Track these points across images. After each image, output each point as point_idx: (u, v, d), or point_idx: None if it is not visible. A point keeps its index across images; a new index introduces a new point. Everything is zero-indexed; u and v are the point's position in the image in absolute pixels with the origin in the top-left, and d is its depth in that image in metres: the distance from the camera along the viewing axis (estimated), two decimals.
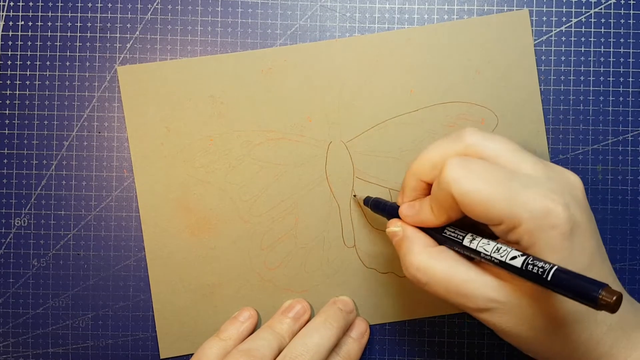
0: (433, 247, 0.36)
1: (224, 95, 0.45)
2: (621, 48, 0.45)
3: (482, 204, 0.32)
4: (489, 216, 0.32)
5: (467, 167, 0.33)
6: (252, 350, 0.40)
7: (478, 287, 0.33)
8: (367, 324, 0.46)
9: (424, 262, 0.35)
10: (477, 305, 0.34)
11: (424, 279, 0.35)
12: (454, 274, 0.34)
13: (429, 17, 0.46)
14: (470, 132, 0.36)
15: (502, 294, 0.33)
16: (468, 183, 0.33)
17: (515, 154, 0.35)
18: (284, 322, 0.43)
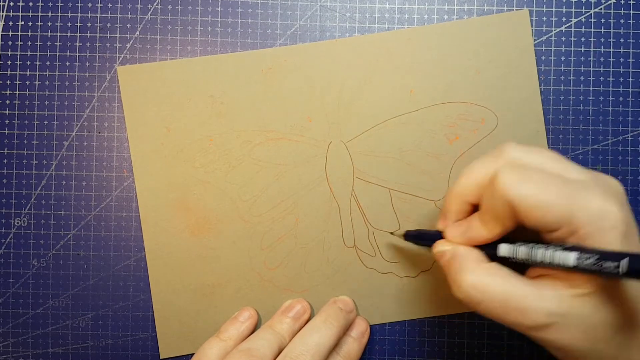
0: (487, 262, 0.35)
1: (224, 95, 0.45)
2: (621, 48, 0.45)
3: (541, 208, 0.31)
4: (548, 221, 0.32)
5: (522, 173, 0.33)
6: (252, 349, 0.40)
7: (538, 301, 0.32)
8: (367, 323, 0.46)
9: (479, 279, 0.34)
10: (536, 321, 0.32)
11: (479, 296, 0.33)
12: (512, 290, 0.33)
13: (429, 17, 0.46)
14: (511, 147, 0.35)
15: (562, 305, 0.32)
16: (525, 187, 0.32)
17: (559, 162, 0.34)
18: (284, 322, 0.43)
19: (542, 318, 0.32)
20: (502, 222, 0.34)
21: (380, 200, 0.46)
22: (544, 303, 0.32)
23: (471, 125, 0.45)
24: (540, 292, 0.32)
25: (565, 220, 0.31)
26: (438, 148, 0.45)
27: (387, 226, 0.46)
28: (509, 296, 0.33)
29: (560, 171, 0.34)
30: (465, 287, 0.34)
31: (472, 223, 0.36)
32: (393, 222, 0.46)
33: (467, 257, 0.35)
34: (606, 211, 0.31)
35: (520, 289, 0.33)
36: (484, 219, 0.35)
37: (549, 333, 0.32)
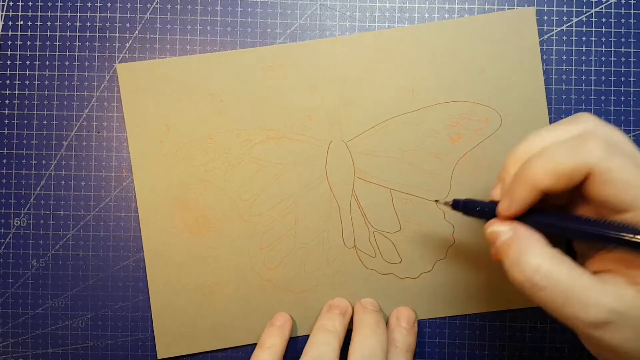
0: (551, 248, 0.33)
1: (223, 94, 0.45)
2: (622, 47, 0.45)
3: (624, 183, 0.30)
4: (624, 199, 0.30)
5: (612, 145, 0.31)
6: (320, 357, 0.40)
7: (601, 296, 0.30)
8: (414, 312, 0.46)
9: (545, 264, 0.31)
10: (597, 317, 0.30)
11: (544, 282, 0.31)
12: (577, 280, 0.31)
13: (429, 16, 0.45)
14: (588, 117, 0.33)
15: (623, 302, 0.30)
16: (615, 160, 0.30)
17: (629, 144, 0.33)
18: (335, 318, 0.43)
19: (603, 315, 0.30)
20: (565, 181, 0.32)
21: (381, 200, 0.45)
22: (606, 298, 0.30)
23: (474, 124, 0.45)
24: (603, 287, 0.31)
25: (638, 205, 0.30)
26: (440, 148, 0.45)
27: (387, 227, 0.45)
28: (574, 286, 0.31)
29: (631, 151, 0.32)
30: (529, 271, 0.32)
31: None
32: (394, 222, 0.45)
33: (532, 239, 0.33)
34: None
35: (585, 280, 0.31)
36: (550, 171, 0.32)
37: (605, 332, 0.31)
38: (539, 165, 0.32)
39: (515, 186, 0.34)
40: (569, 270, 0.31)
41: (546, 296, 0.31)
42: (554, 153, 0.32)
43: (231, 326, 0.46)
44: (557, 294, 0.31)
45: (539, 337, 0.46)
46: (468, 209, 0.38)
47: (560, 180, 0.32)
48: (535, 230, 0.33)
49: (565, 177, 0.32)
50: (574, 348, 0.46)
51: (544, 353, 0.46)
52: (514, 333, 0.46)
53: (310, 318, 0.45)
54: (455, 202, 0.39)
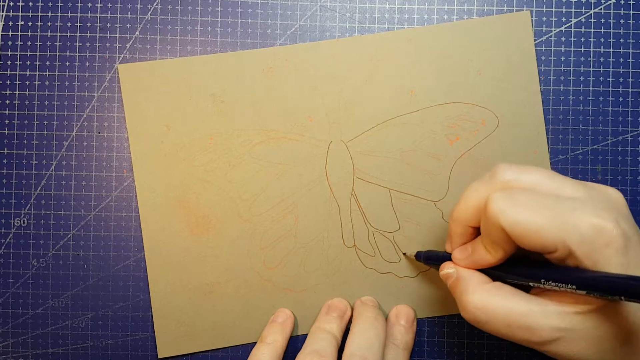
0: (489, 283, 0.36)
1: (224, 94, 0.45)
2: (621, 48, 0.45)
3: (533, 233, 0.32)
4: (542, 244, 0.32)
5: (511, 198, 0.33)
6: (320, 351, 0.40)
7: (541, 318, 0.33)
8: (413, 310, 0.46)
9: (482, 300, 0.35)
10: (542, 337, 0.33)
11: (484, 317, 0.34)
12: (514, 308, 0.33)
13: (429, 18, 0.46)
14: (504, 168, 0.36)
15: (566, 320, 0.32)
16: (515, 213, 0.32)
17: (553, 180, 0.35)
18: (333, 322, 0.44)
19: (547, 333, 0.32)
20: (501, 246, 0.34)
21: (380, 200, 0.46)
22: (547, 319, 0.33)
23: (472, 126, 0.45)
24: (543, 309, 0.33)
25: (559, 243, 0.32)
26: (438, 149, 0.45)
27: (387, 226, 0.46)
28: (512, 314, 0.33)
29: (555, 189, 0.34)
30: (470, 309, 0.35)
31: (475, 247, 0.37)
32: (393, 222, 0.45)
33: (470, 279, 0.36)
34: (599, 229, 0.31)
35: (523, 306, 0.33)
36: (486, 245, 0.36)
37: (557, 347, 0.33)
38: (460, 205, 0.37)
39: (450, 226, 0.39)
40: (506, 301, 0.34)
41: (491, 328, 0.34)
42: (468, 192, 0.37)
43: (231, 325, 0.46)
44: (500, 324, 0.34)
45: None
46: (428, 259, 0.43)
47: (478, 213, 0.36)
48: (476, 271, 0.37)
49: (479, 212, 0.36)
50: None
51: None
52: None
53: (310, 317, 0.46)
54: (418, 254, 0.44)
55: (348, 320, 0.45)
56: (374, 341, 0.41)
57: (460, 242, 0.38)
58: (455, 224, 0.38)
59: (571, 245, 0.31)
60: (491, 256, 0.35)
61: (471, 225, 0.37)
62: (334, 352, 0.41)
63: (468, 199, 0.37)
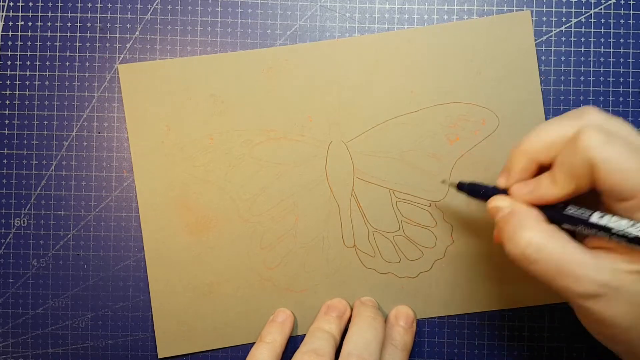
0: (546, 224, 0.34)
1: (224, 94, 0.45)
2: (621, 48, 0.45)
3: (623, 172, 0.31)
4: (625, 187, 0.31)
5: (608, 135, 0.32)
6: (317, 349, 0.40)
7: (593, 270, 0.31)
8: (413, 311, 0.46)
9: (537, 238, 0.33)
10: (587, 289, 0.32)
11: (535, 255, 0.33)
12: (569, 255, 0.32)
13: (428, 18, 0.46)
14: (594, 111, 0.34)
15: (617, 278, 0.31)
16: (612, 149, 0.31)
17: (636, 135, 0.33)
18: (332, 322, 0.44)
19: (594, 288, 0.31)
20: (576, 181, 0.33)
21: (381, 200, 0.46)
22: (599, 273, 0.31)
23: (472, 126, 0.45)
24: (597, 262, 0.32)
25: None
26: (439, 149, 0.45)
27: (387, 226, 0.46)
28: (566, 260, 0.32)
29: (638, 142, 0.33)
30: (522, 244, 0.33)
31: (541, 181, 0.35)
32: (393, 222, 0.45)
33: (528, 215, 0.34)
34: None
35: (577, 255, 0.32)
36: (557, 178, 0.34)
37: (597, 304, 0.32)
38: (532, 136, 0.35)
39: (512, 159, 0.36)
40: (561, 245, 0.32)
41: (538, 269, 0.33)
42: (548, 125, 0.35)
43: (231, 325, 0.46)
44: (549, 267, 0.32)
45: (538, 337, 0.46)
46: (472, 192, 0.40)
47: (552, 149, 0.34)
48: (534, 208, 0.35)
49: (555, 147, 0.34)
50: (573, 348, 0.46)
51: (543, 353, 0.46)
52: (514, 333, 0.46)
53: (309, 317, 0.46)
54: (460, 184, 0.41)
55: (347, 321, 0.45)
56: (372, 341, 0.41)
57: (519, 177, 0.36)
58: (521, 156, 0.36)
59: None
60: (559, 189, 0.34)
61: (540, 160, 0.35)
62: (332, 352, 0.41)
63: (544, 132, 0.35)
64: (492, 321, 0.46)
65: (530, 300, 0.46)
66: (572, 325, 0.46)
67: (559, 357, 0.46)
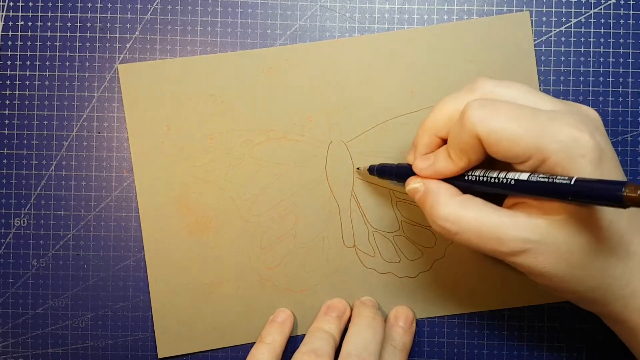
0: (459, 195, 0.35)
1: (224, 94, 0.45)
2: (621, 48, 0.45)
3: (510, 140, 0.32)
4: (517, 152, 0.32)
5: (490, 106, 0.33)
6: (317, 349, 0.40)
7: (512, 229, 0.33)
8: (412, 312, 0.46)
9: (452, 212, 0.34)
10: (512, 248, 0.33)
11: (454, 228, 0.34)
12: (485, 219, 0.33)
13: (428, 18, 0.46)
14: (483, 81, 0.36)
15: (536, 232, 0.32)
16: (494, 120, 0.32)
17: (532, 94, 0.35)
18: (331, 322, 0.44)
19: (517, 244, 0.33)
20: (467, 155, 0.34)
21: (380, 200, 0.46)
22: (518, 230, 0.33)
23: None
24: (514, 220, 0.33)
25: (534, 150, 0.31)
26: None
27: (387, 226, 0.46)
28: (483, 225, 0.33)
29: (533, 103, 0.34)
30: (440, 221, 0.35)
31: (438, 156, 0.37)
32: (393, 222, 0.46)
33: (439, 191, 0.36)
34: (576, 138, 0.31)
35: (493, 217, 0.33)
36: (451, 152, 0.35)
37: (525, 259, 0.33)
38: (434, 113, 0.37)
39: (417, 134, 0.38)
40: (476, 212, 0.34)
41: (462, 238, 0.34)
42: (445, 101, 0.37)
43: (231, 325, 0.46)
44: (470, 235, 0.34)
45: (538, 337, 0.46)
46: (382, 172, 0.43)
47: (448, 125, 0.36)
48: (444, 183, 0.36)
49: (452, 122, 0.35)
50: (573, 348, 0.46)
51: (543, 353, 0.46)
52: (513, 332, 0.46)
53: (309, 317, 0.46)
54: (371, 167, 0.44)
55: (347, 321, 0.45)
56: (371, 341, 0.41)
57: (425, 152, 0.38)
58: (424, 132, 0.37)
59: (546, 153, 0.31)
60: (454, 165, 0.35)
61: (441, 135, 0.37)
62: (331, 352, 0.41)
63: (443, 108, 0.36)
64: (492, 321, 0.46)
65: (530, 300, 0.46)
66: (572, 325, 0.46)
67: (559, 357, 0.46)
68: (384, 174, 0.43)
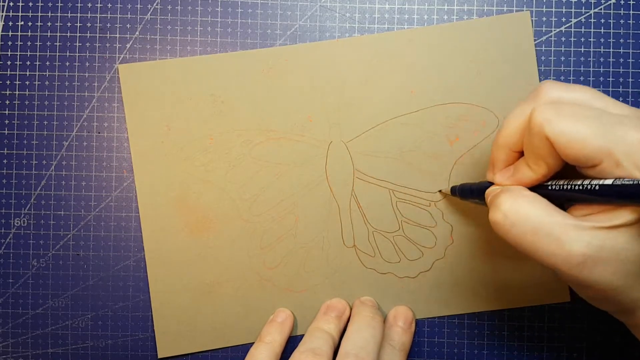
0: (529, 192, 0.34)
1: (224, 94, 0.45)
2: (621, 48, 0.45)
3: (579, 142, 0.31)
4: (587, 154, 0.31)
5: (557, 109, 0.32)
6: (315, 349, 0.40)
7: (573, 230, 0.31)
8: (412, 312, 0.46)
9: (516, 203, 0.33)
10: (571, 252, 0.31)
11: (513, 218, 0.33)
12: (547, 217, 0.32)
13: (428, 18, 0.46)
14: (549, 86, 0.35)
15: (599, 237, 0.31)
16: (561, 122, 0.31)
17: (600, 98, 0.34)
18: (331, 322, 0.44)
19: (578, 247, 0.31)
20: (544, 160, 0.33)
21: (380, 200, 0.46)
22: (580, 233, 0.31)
23: (472, 126, 0.45)
24: (578, 223, 0.31)
25: (605, 152, 0.30)
26: (438, 149, 0.45)
27: (387, 226, 0.46)
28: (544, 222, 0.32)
29: (601, 107, 0.33)
30: (502, 207, 0.33)
31: (518, 167, 0.36)
32: (393, 222, 0.46)
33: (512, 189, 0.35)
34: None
35: (557, 218, 0.32)
36: (529, 161, 0.34)
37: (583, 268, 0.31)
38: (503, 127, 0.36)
39: (493, 153, 0.37)
40: (542, 210, 0.32)
41: (517, 231, 0.33)
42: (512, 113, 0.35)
43: (231, 325, 0.46)
44: (527, 230, 0.32)
45: (538, 337, 0.46)
46: (463, 192, 0.42)
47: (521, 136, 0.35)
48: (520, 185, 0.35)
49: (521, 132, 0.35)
50: (573, 348, 0.46)
51: (543, 353, 0.46)
52: (514, 333, 0.46)
53: (309, 317, 0.46)
54: (453, 189, 0.43)
55: (346, 321, 0.45)
56: (370, 341, 0.41)
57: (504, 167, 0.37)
58: (499, 149, 0.36)
59: (618, 155, 0.30)
60: (533, 172, 0.34)
61: (515, 149, 0.36)
62: (330, 352, 0.41)
63: (512, 121, 0.35)
64: (492, 321, 0.46)
65: (530, 300, 0.46)
66: (572, 325, 0.46)
67: (559, 357, 0.46)
68: (465, 193, 0.42)
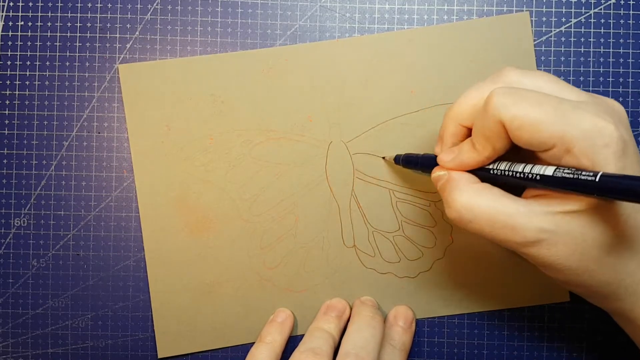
0: (478, 183, 0.35)
1: (224, 94, 0.45)
2: (621, 48, 0.45)
3: (534, 126, 0.31)
4: (540, 139, 0.32)
5: (515, 93, 0.33)
6: (315, 349, 0.40)
7: (526, 217, 0.32)
8: (412, 312, 0.46)
9: (467, 199, 0.34)
10: (526, 237, 0.32)
11: (469, 215, 0.34)
12: (500, 208, 0.33)
13: (428, 18, 0.46)
14: (509, 70, 0.35)
15: (552, 221, 0.32)
16: (518, 107, 0.32)
17: (557, 84, 0.35)
18: (331, 322, 0.44)
19: (531, 234, 0.32)
20: (492, 143, 0.34)
21: (380, 200, 0.46)
22: (532, 219, 0.32)
23: None
24: (529, 209, 0.33)
25: (558, 138, 0.31)
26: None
27: (387, 226, 0.46)
28: (497, 214, 0.33)
29: (558, 93, 0.34)
30: (455, 206, 0.34)
31: (462, 148, 0.36)
32: (393, 222, 0.46)
33: (460, 179, 0.36)
34: (600, 128, 0.31)
35: (509, 206, 0.33)
36: (474, 142, 0.35)
37: (538, 249, 0.33)
38: (458, 103, 0.36)
39: (443, 125, 0.38)
40: (492, 200, 0.34)
41: (475, 227, 0.34)
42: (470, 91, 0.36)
43: (231, 325, 0.46)
44: (483, 223, 0.33)
45: (538, 337, 0.46)
46: (408, 162, 0.42)
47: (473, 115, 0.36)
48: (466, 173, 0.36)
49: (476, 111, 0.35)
50: (573, 348, 0.46)
51: (543, 353, 0.46)
52: (513, 332, 0.46)
53: (309, 317, 0.46)
54: (397, 157, 0.44)
55: (346, 321, 0.45)
56: (370, 340, 0.41)
57: (451, 142, 0.37)
58: (450, 121, 0.37)
59: (571, 141, 0.31)
60: (478, 154, 0.35)
61: (465, 124, 0.37)
62: (330, 351, 0.41)
63: (468, 96, 0.36)
64: (492, 321, 0.46)
65: (530, 300, 0.46)
66: (572, 325, 0.46)
67: (559, 357, 0.46)
68: (409, 163, 0.42)
